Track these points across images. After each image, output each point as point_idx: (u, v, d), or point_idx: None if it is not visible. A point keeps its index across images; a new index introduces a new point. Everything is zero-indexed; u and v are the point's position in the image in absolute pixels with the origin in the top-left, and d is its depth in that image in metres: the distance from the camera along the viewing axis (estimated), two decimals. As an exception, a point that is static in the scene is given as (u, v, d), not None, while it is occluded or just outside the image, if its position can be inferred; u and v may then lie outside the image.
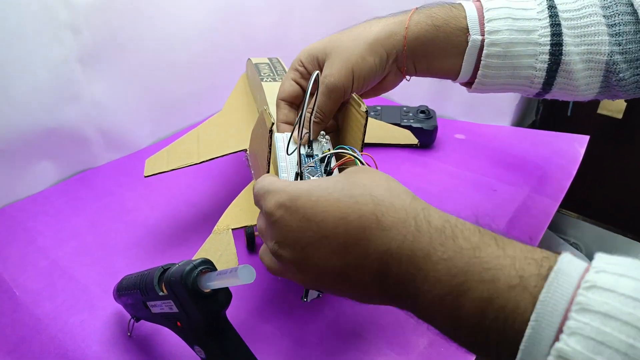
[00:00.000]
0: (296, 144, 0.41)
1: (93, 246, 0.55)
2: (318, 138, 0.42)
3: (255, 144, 0.45)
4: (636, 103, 0.93)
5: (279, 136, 0.42)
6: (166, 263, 0.36)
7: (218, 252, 0.40)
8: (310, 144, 0.41)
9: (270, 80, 0.56)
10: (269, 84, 0.54)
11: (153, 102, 0.74)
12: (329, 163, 0.39)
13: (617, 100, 0.51)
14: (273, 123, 0.37)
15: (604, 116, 0.99)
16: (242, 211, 0.43)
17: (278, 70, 0.59)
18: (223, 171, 0.68)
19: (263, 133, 0.39)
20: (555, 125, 1.01)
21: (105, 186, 0.66)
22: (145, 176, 0.49)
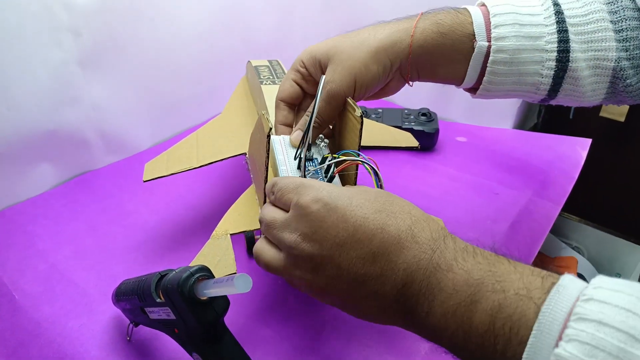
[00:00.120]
0: (293, 147, 0.41)
1: (92, 249, 0.55)
2: (316, 142, 0.42)
3: (254, 148, 0.45)
4: (639, 106, 0.93)
5: (277, 139, 0.42)
6: (164, 269, 0.36)
7: (216, 258, 0.40)
8: (309, 148, 0.41)
9: (269, 83, 0.55)
10: (269, 87, 0.54)
11: (153, 105, 0.73)
12: (330, 168, 0.39)
13: (621, 104, 0.51)
14: (271, 128, 0.37)
15: (607, 119, 0.99)
16: (241, 216, 0.43)
17: (278, 73, 0.59)
18: (222, 175, 0.68)
19: (261, 138, 0.39)
20: (557, 128, 1.00)
21: (104, 189, 0.66)
22: (144, 181, 0.49)
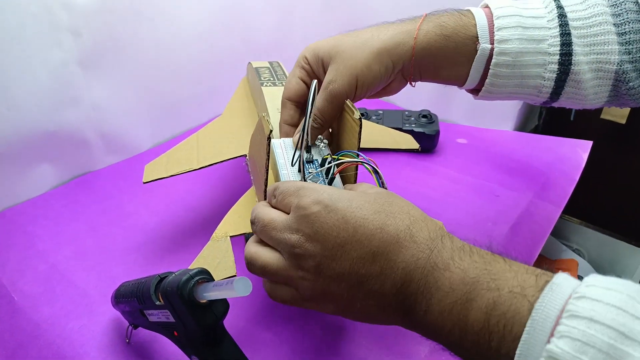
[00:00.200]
0: (295, 149, 0.41)
1: (92, 250, 0.55)
2: (316, 143, 0.42)
3: (254, 150, 0.45)
4: (640, 108, 0.92)
5: (277, 143, 0.42)
6: (164, 271, 0.36)
7: (216, 260, 0.40)
8: (309, 149, 0.41)
9: (270, 85, 0.55)
10: (269, 89, 0.54)
11: (153, 105, 0.73)
12: (330, 169, 0.39)
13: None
14: (271, 130, 0.37)
15: (608, 121, 0.99)
16: (241, 218, 0.43)
17: (278, 74, 0.59)
18: (223, 176, 0.68)
19: (261, 140, 0.39)
20: (558, 130, 1.00)
21: (104, 190, 0.66)
22: (144, 182, 0.49)
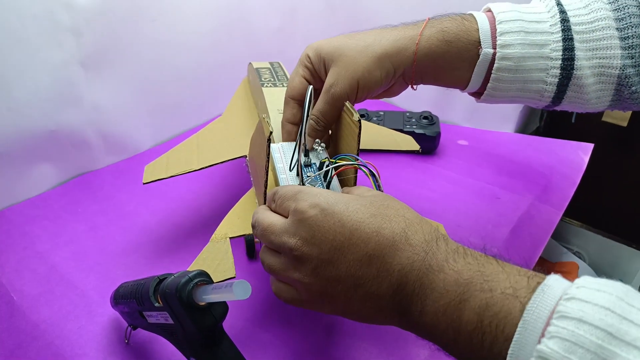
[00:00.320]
0: (293, 153, 0.41)
1: (91, 251, 0.55)
2: (314, 146, 0.43)
3: (254, 152, 0.45)
4: (642, 111, 0.92)
5: (275, 147, 0.42)
6: (163, 271, 0.36)
7: (215, 262, 0.40)
8: (306, 153, 0.42)
9: (270, 85, 0.55)
10: (270, 89, 0.54)
11: (154, 106, 0.73)
12: (328, 173, 0.39)
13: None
14: (271, 132, 0.37)
15: (609, 124, 0.98)
16: (240, 220, 0.43)
17: (279, 75, 0.59)
18: (223, 176, 0.67)
19: (261, 142, 0.39)
20: (559, 132, 1.00)
21: (104, 190, 0.66)
22: (144, 183, 0.49)
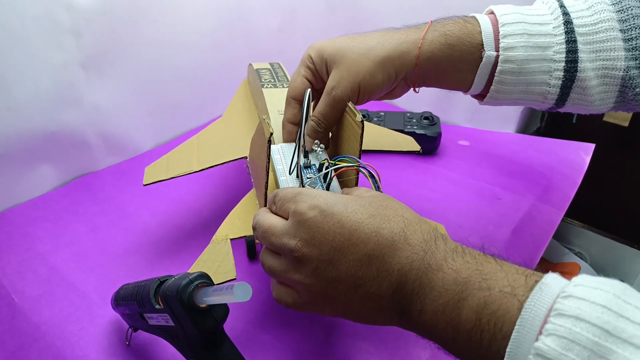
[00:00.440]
0: (293, 155, 0.41)
1: (92, 252, 0.55)
2: (313, 148, 0.42)
3: (254, 153, 0.45)
4: (643, 111, 0.92)
5: (275, 149, 0.42)
6: (164, 272, 0.36)
7: (216, 263, 0.40)
8: (306, 154, 0.42)
9: (270, 86, 0.55)
10: (270, 90, 0.54)
11: (154, 107, 0.73)
12: (328, 174, 0.39)
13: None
14: (271, 133, 0.36)
15: (610, 124, 0.98)
16: (241, 221, 0.43)
17: (279, 76, 0.59)
18: (224, 177, 0.67)
19: (262, 143, 0.39)
20: (560, 132, 1.00)
21: (105, 191, 0.66)
22: (144, 184, 0.48)
